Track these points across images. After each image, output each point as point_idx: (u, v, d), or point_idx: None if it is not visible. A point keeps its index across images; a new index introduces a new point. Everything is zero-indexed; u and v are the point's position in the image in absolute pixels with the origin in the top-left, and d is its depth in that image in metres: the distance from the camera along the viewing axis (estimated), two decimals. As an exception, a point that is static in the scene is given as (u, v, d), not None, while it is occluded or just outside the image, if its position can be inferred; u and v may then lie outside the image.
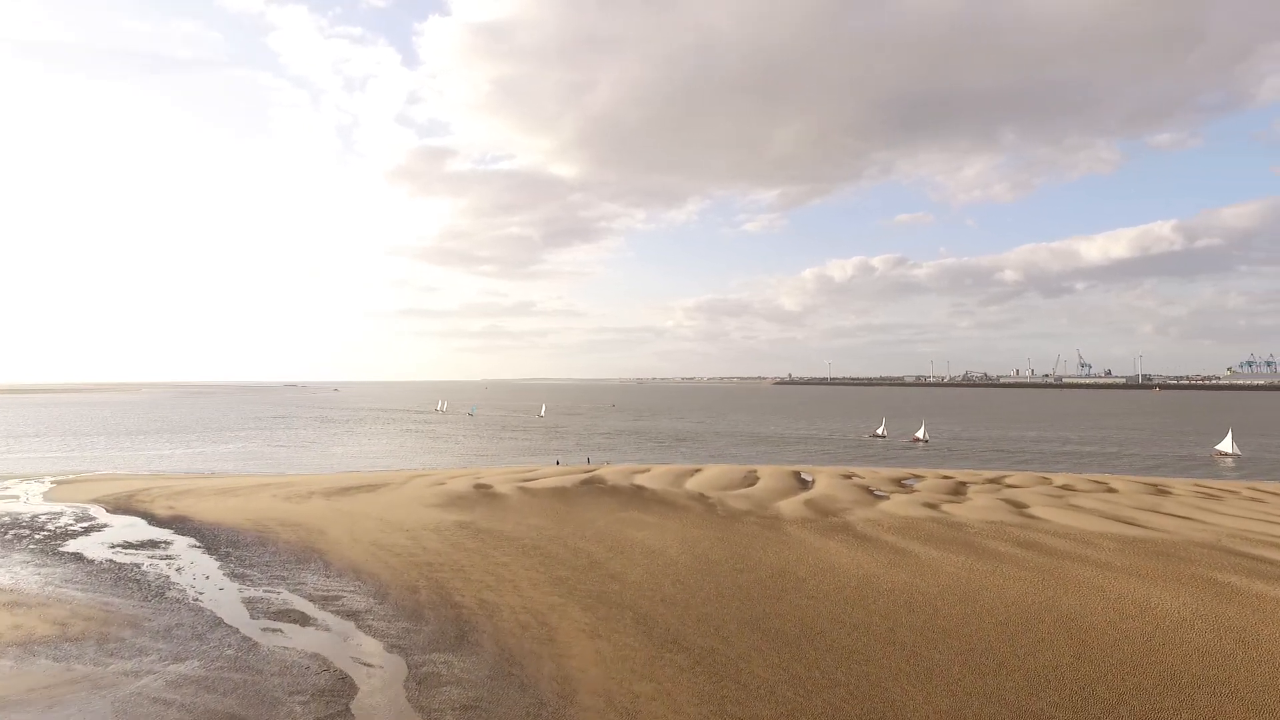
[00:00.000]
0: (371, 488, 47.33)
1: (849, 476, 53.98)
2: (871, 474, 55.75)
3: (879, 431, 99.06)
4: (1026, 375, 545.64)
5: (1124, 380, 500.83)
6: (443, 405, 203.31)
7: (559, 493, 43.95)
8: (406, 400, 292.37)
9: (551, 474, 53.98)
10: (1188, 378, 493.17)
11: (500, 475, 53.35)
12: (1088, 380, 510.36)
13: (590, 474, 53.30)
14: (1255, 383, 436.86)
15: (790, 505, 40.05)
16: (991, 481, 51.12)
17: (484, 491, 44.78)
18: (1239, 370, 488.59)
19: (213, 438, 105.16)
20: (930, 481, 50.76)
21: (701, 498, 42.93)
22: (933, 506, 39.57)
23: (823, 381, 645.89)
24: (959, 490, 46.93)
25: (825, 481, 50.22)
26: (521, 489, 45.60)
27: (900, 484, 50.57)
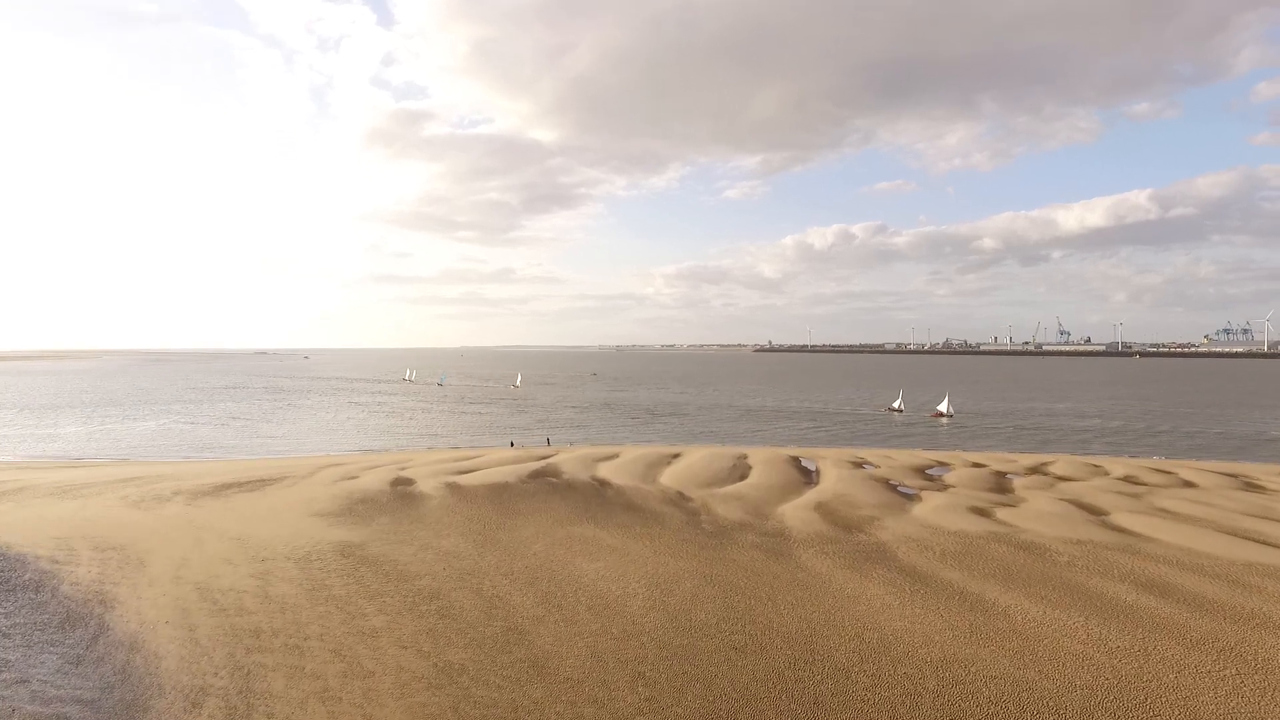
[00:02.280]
0: (260, 484, 37.03)
1: (859, 464, 44.61)
2: (884, 459, 46.47)
3: (896, 405, 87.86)
4: (1006, 343, 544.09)
5: (1103, 347, 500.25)
6: (411, 374, 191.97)
7: (496, 492, 34.00)
8: (376, 368, 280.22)
9: (496, 462, 44.00)
10: (1165, 345, 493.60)
11: (433, 464, 43.24)
12: (1068, 348, 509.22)
13: (544, 462, 43.40)
14: (1233, 350, 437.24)
15: (797, 512, 30.46)
16: (1034, 471, 41.99)
17: (400, 491, 34.70)
18: (1216, 338, 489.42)
19: (136, 412, 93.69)
20: (961, 472, 41.50)
21: (681, 500, 33.23)
22: (984, 514, 30.19)
23: (803, 349, 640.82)
24: (1002, 485, 37.69)
25: (833, 473, 40.76)
26: (450, 486, 35.60)
27: (924, 475, 41.28)
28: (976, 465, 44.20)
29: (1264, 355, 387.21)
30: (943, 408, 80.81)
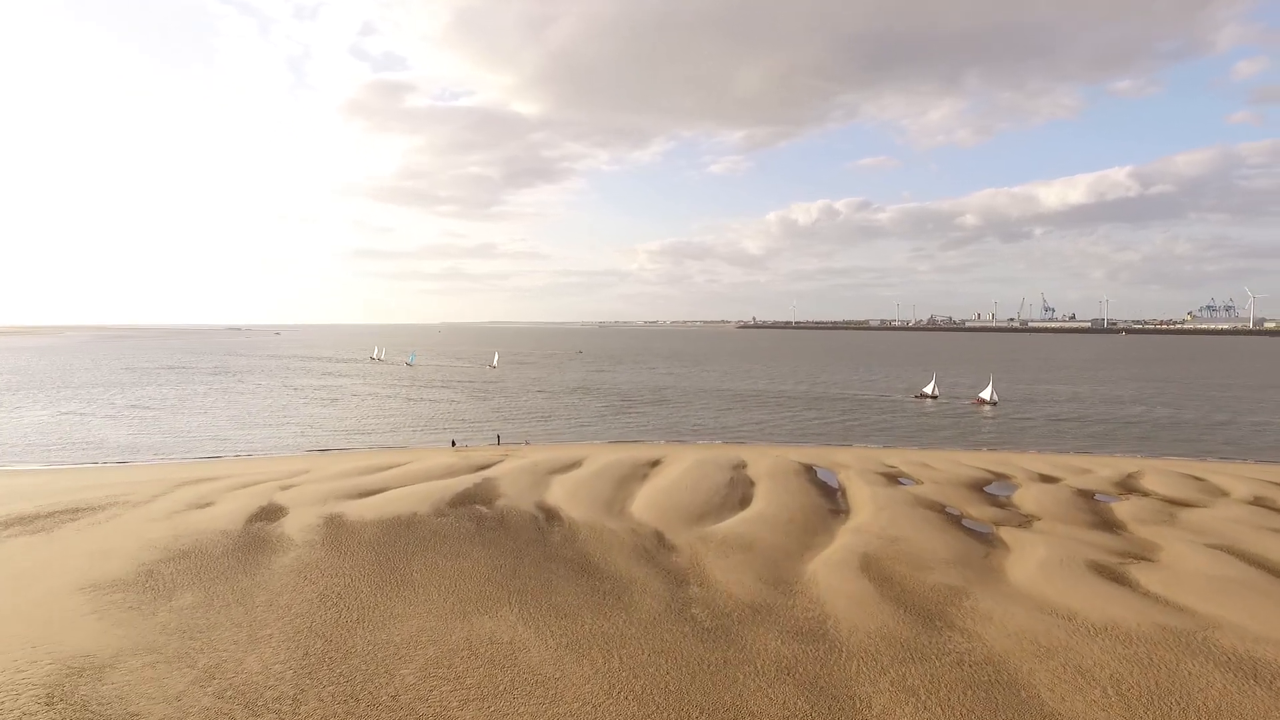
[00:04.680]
0: (63, 518, 26.02)
1: (892, 477, 34.34)
2: (921, 468, 36.23)
3: (928, 390, 76.23)
4: (990, 319, 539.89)
5: (1089, 324, 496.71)
6: (379, 353, 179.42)
7: (392, 535, 23.28)
8: (347, 346, 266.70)
9: (418, 475, 33.22)
10: (1148, 321, 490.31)
11: (331, 479, 32.34)
12: (1053, 324, 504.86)
13: (481, 475, 32.72)
14: (1219, 327, 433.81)
15: (836, 578, 20.03)
16: (1128, 488, 31.91)
17: (254, 532, 23.88)
18: (1200, 315, 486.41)
19: (37, 399, 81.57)
20: (1033, 491, 31.30)
21: (659, 550, 22.69)
22: (1118, 578, 19.94)
23: (787, 325, 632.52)
24: (1102, 515, 27.48)
25: (865, 493, 30.40)
26: (331, 522, 24.85)
27: (984, 494, 31.10)
28: (1045, 478, 34.07)
29: (1250, 332, 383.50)
30: (986, 394, 69.96)
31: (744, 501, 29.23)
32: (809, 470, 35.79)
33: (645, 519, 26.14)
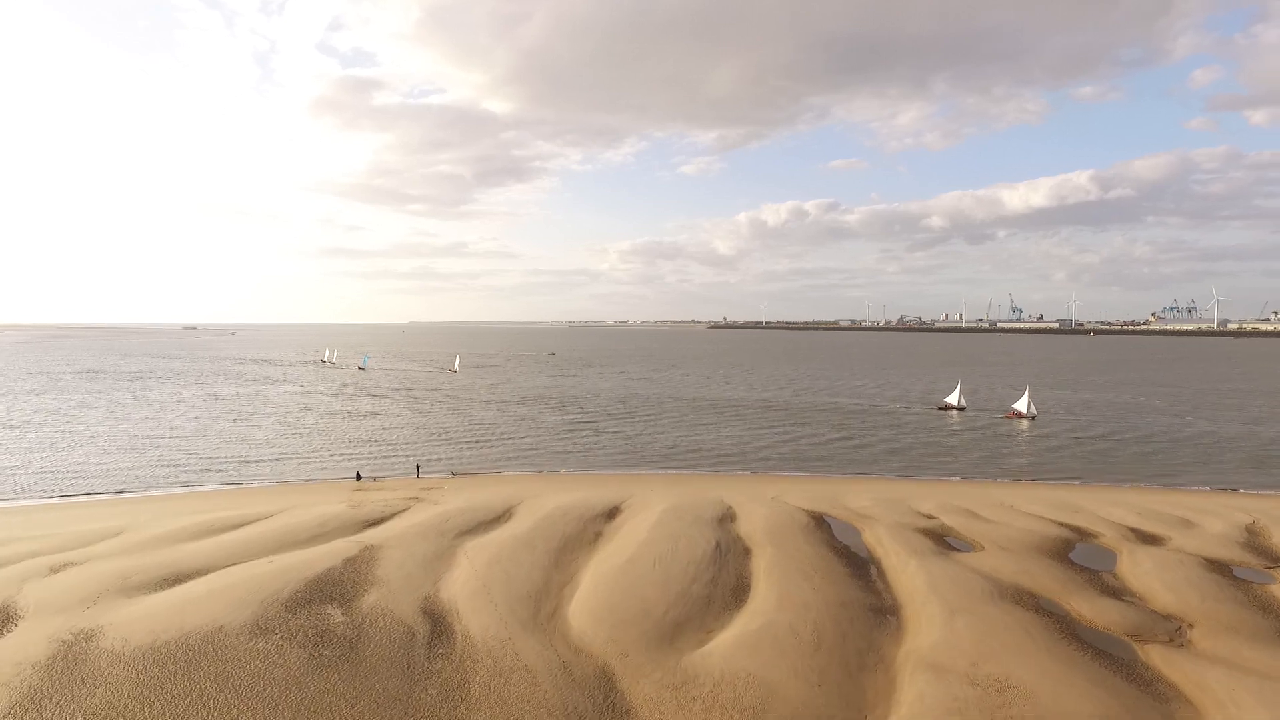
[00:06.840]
0: None
1: (937, 537, 25.07)
2: (970, 518, 27.07)
3: (952, 401, 68.73)
4: (958, 319, 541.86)
5: (1056, 324, 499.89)
6: (331, 355, 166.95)
7: (153, 683, 13.31)
8: (301, 346, 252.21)
9: (273, 538, 23.04)
10: (1114, 322, 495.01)
11: (137, 550, 22.05)
12: (1022, 325, 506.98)
13: (363, 539, 22.68)
14: (1183, 328, 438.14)
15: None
16: (1264, 554, 23.00)
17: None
18: (1163, 316, 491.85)
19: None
20: (1143, 565, 22.17)
21: (607, 716, 13.01)
22: None
23: (758, 325, 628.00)
24: (1271, 612, 18.47)
25: (913, 571, 21.00)
26: (67, 656, 14.79)
27: (1074, 566, 21.99)
28: (1142, 536, 25.06)
29: (1215, 333, 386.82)
30: (1021, 406, 61.94)
31: (739, 591, 19.66)
32: (821, 525, 26.37)
33: (588, 635, 16.42)
